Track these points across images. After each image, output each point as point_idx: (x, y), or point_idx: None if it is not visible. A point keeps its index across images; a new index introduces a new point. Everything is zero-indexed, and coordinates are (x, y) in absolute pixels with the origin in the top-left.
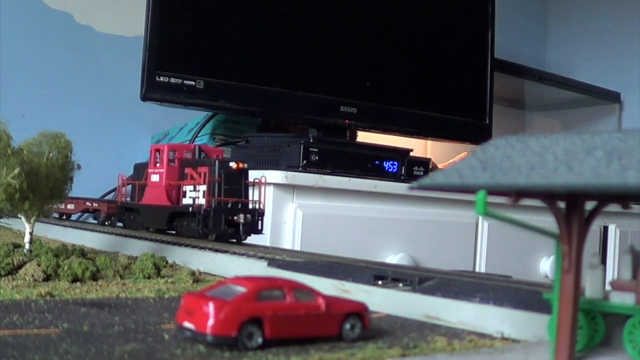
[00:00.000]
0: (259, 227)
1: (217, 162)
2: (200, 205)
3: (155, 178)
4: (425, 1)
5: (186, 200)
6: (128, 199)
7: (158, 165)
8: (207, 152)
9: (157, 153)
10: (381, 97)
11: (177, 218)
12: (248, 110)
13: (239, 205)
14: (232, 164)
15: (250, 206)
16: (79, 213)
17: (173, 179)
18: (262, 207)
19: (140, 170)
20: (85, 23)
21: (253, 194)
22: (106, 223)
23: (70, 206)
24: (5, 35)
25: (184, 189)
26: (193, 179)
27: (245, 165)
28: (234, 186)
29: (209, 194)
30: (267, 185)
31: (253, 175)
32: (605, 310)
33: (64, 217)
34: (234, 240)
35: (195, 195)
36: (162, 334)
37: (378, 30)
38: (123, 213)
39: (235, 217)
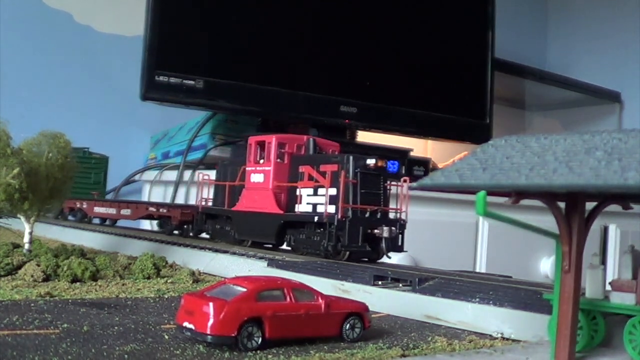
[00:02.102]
0: (400, 243)
1: (351, 158)
2: (332, 215)
3: (257, 178)
4: (425, 1)
5: (303, 207)
6: (210, 204)
7: (262, 162)
8: (321, 146)
9: (260, 147)
10: (381, 96)
11: (290, 229)
12: (248, 110)
13: (378, 215)
14: (370, 161)
15: (391, 216)
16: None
17: (283, 179)
18: (404, 217)
19: (228, 169)
20: (85, 23)
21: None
22: (175, 232)
23: (126, 211)
24: (5, 35)
25: (299, 193)
26: (312, 179)
27: (385, 164)
28: (372, 190)
29: (343, 199)
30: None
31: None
32: (605, 310)
33: (107, 221)
34: (366, 259)
35: (316, 200)
36: (162, 334)
37: (378, 30)
38: (204, 221)
39: (375, 231)
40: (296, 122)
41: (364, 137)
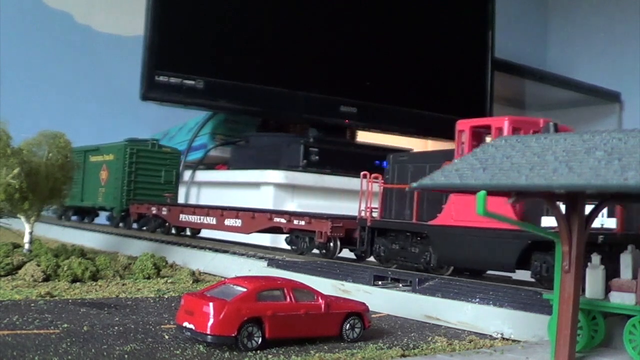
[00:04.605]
0: None
1: None
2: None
3: None
4: (425, 1)
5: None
6: (375, 214)
7: None
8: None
9: (476, 134)
10: (381, 96)
11: (537, 253)
12: (248, 110)
13: None
14: None
15: None
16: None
17: None
18: None
19: (409, 167)
20: (85, 23)
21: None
22: (316, 250)
23: (233, 222)
24: (5, 35)
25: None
26: None
27: None
28: None
29: None
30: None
31: (253, 176)
32: (605, 310)
33: (185, 231)
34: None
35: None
36: (162, 334)
37: (378, 30)
38: (371, 237)
39: None
40: (296, 122)
41: (364, 137)
